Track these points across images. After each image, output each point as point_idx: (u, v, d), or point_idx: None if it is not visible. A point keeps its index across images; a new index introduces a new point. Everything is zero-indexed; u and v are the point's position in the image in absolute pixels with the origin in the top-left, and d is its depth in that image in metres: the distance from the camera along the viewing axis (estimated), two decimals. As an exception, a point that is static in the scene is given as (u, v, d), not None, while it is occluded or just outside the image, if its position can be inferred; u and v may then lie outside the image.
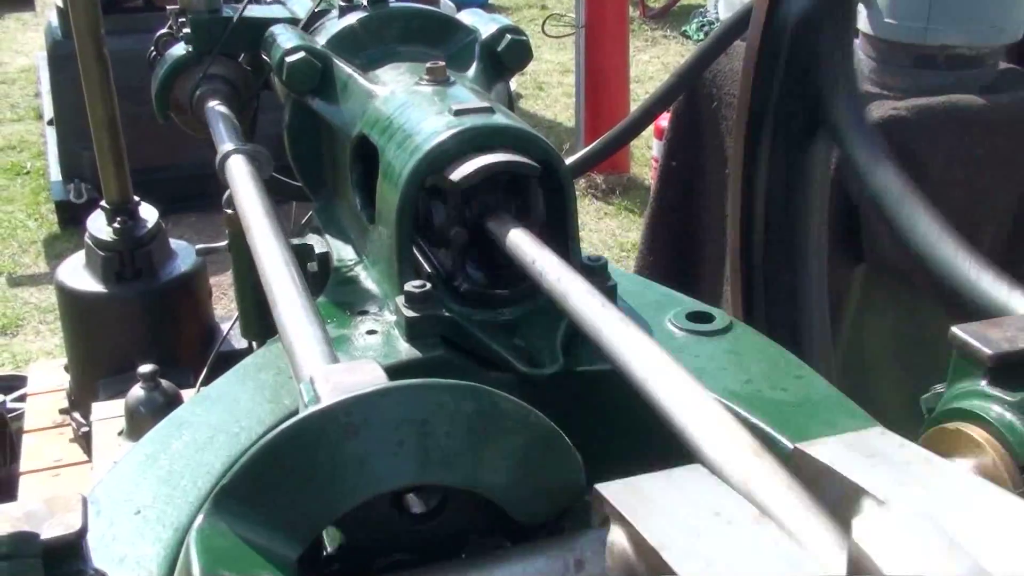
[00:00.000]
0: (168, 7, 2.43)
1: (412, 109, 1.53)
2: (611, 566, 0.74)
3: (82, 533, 0.68)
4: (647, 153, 6.61)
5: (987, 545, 0.56)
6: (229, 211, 1.99)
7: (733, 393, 1.27)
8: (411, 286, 1.37)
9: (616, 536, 0.75)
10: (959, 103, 2.86)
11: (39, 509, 0.68)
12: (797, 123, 1.94)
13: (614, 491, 0.72)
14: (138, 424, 2.46)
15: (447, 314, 1.37)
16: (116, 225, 3.18)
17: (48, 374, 3.52)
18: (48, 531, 0.67)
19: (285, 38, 1.83)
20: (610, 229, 6.28)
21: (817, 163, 1.95)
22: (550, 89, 8.57)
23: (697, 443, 0.82)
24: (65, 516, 0.68)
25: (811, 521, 0.67)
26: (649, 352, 0.97)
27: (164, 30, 2.41)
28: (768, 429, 1.19)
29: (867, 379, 2.82)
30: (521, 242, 1.31)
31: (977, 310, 1.29)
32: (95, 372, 3.18)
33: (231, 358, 1.85)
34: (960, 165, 2.86)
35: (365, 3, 1.90)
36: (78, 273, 3.24)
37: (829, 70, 1.84)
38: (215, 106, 2.15)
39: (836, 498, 0.67)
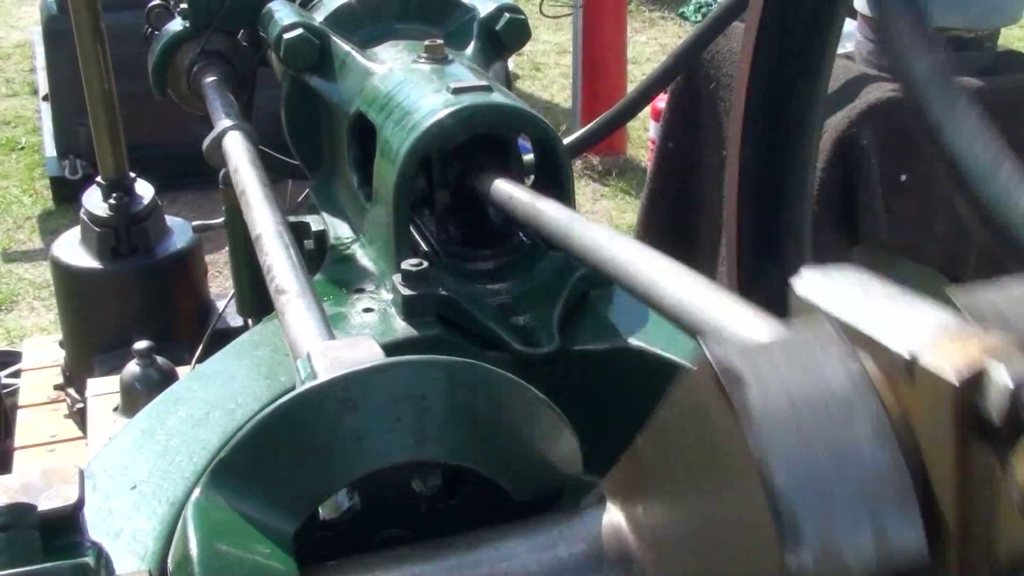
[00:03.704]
0: (165, -19, 2.42)
1: (410, 87, 1.52)
2: (606, 543, 0.75)
3: (79, 505, 0.68)
4: (644, 135, 6.59)
5: None
6: (226, 187, 1.99)
7: (729, 373, 1.26)
8: (408, 264, 1.37)
9: (612, 514, 0.76)
10: (957, 86, 2.85)
11: (36, 481, 0.68)
12: None
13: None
14: (133, 400, 2.46)
15: (444, 293, 1.37)
16: (112, 201, 3.17)
17: (43, 350, 3.52)
18: (45, 503, 0.67)
19: (283, 14, 1.82)
20: (606, 211, 6.27)
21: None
22: (547, 70, 8.55)
23: (646, 285, 0.99)
24: (62, 488, 0.68)
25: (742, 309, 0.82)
26: (605, 234, 1.14)
27: (156, 1, 2.40)
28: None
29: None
30: (501, 186, 1.34)
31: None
32: (90, 348, 3.18)
33: (227, 335, 1.86)
34: (957, 148, 2.86)
35: (363, -20, 1.89)
36: (73, 249, 3.23)
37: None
38: (212, 82, 2.14)
39: None
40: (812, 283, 0.61)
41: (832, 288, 0.60)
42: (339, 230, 1.67)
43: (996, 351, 0.49)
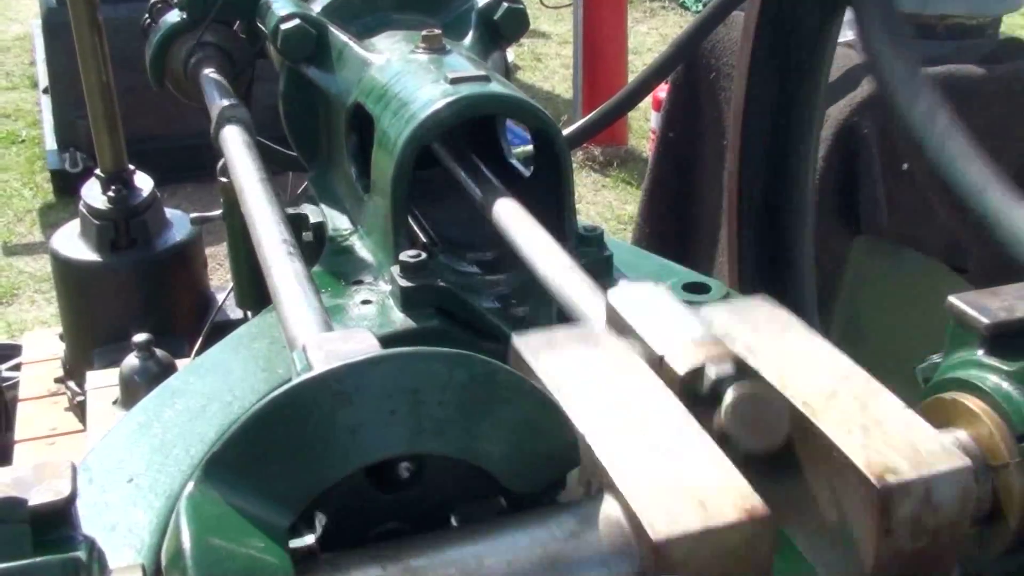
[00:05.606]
0: (163, -26, 2.41)
1: (408, 77, 1.52)
2: (604, 535, 0.74)
3: (71, 499, 0.67)
4: (645, 125, 6.58)
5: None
6: (224, 180, 1.98)
7: (729, 364, 1.26)
8: (406, 256, 1.37)
9: (609, 506, 0.75)
10: (958, 73, 2.84)
11: (27, 475, 0.67)
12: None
13: (529, 340, 0.89)
14: (132, 393, 2.46)
15: (442, 284, 1.37)
16: (111, 193, 3.17)
17: (43, 343, 3.52)
18: (36, 497, 0.66)
19: (280, 5, 1.81)
20: (607, 201, 6.26)
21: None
22: (548, 60, 8.53)
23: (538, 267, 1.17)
24: (54, 482, 0.68)
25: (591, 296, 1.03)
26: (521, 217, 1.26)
27: (157, -3, 2.39)
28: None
29: (864, 349, 2.82)
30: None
31: (1005, 242, 1.23)
32: (90, 341, 3.18)
33: (226, 328, 1.85)
34: (959, 136, 2.85)
35: (360, -30, 1.88)
36: (73, 242, 3.23)
37: None
38: (209, 74, 2.13)
39: None
40: (621, 295, 0.91)
41: (635, 300, 0.89)
42: (337, 222, 1.67)
43: (713, 356, 0.82)
